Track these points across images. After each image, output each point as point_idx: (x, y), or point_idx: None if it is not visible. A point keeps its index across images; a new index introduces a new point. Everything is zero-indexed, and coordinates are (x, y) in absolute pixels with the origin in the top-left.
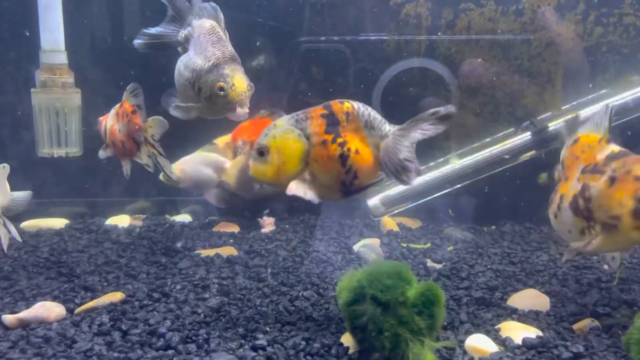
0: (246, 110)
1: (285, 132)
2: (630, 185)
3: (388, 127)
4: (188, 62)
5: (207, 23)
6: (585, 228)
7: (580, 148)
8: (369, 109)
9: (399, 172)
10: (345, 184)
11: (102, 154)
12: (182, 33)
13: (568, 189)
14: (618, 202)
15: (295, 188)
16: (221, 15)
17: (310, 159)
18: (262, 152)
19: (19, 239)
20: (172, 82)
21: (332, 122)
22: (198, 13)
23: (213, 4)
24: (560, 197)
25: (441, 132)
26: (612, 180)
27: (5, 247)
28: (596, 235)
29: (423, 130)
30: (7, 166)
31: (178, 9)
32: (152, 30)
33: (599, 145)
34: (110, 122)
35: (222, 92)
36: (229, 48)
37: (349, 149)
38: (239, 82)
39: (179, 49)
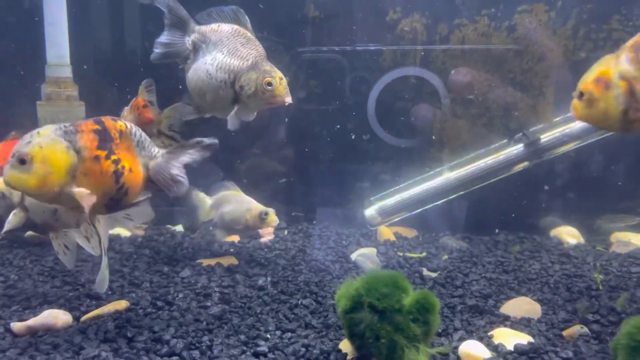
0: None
1: (53, 142)
2: None
3: (156, 150)
4: (221, 64)
5: (226, 26)
6: None
7: None
8: (140, 130)
9: (171, 185)
10: (114, 200)
11: None
12: (189, 41)
13: None
14: None
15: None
16: (246, 17)
17: (79, 173)
18: (23, 161)
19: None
20: (177, 91)
21: (105, 139)
22: (206, 19)
23: (234, 7)
24: None
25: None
26: None
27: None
28: None
29: (190, 155)
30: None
31: (179, 18)
32: (163, 39)
33: None
34: (123, 114)
35: (270, 87)
36: (260, 47)
37: (123, 167)
38: (282, 76)
39: (177, 61)
